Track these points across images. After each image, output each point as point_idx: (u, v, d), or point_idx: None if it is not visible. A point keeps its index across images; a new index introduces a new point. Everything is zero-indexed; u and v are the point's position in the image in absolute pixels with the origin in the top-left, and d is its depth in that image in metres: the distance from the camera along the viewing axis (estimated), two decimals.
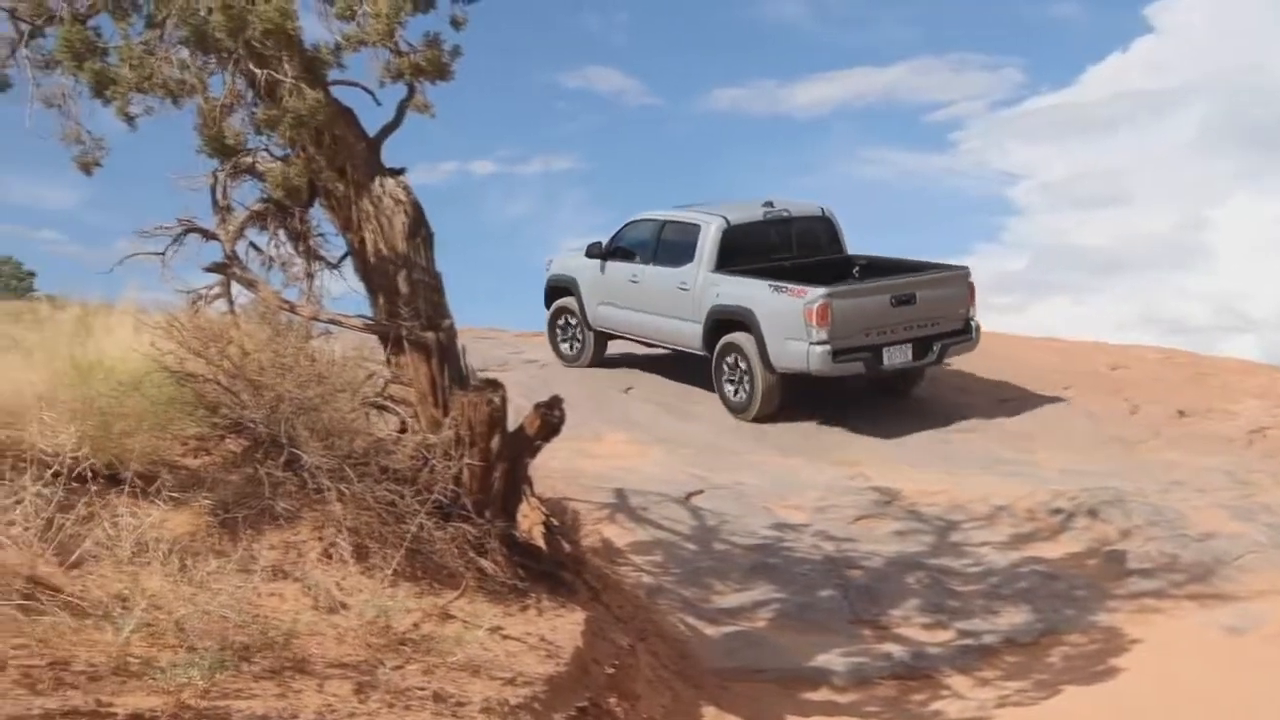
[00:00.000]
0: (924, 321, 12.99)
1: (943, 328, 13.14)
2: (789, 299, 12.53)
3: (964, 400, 14.40)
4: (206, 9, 4.96)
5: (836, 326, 12.35)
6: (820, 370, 12.47)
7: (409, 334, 6.21)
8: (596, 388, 15.15)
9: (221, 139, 5.41)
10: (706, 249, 13.53)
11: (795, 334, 12.45)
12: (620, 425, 13.35)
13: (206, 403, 5.89)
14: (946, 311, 13.18)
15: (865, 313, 12.68)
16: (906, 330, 12.84)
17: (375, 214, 6.32)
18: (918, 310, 12.93)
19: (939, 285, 13.30)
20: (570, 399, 14.99)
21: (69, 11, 5.65)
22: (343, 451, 5.80)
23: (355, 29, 5.29)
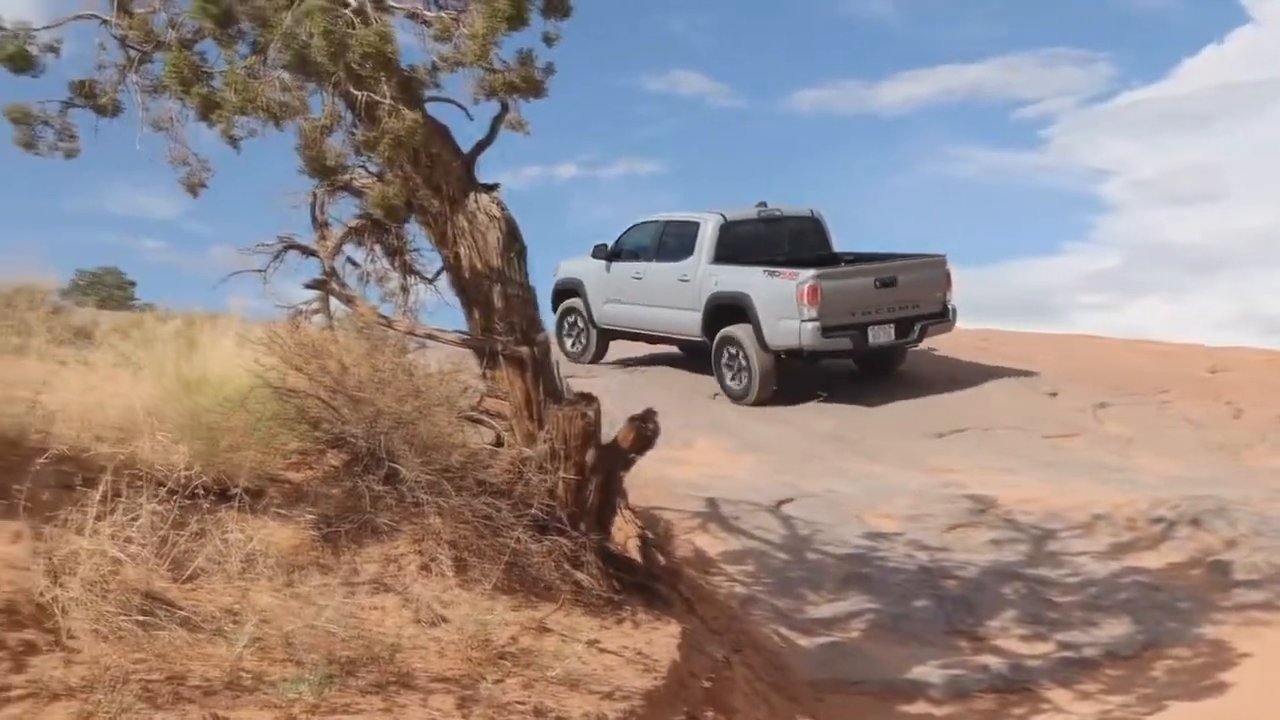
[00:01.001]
0: (905, 303, 14.30)
1: (923, 310, 14.45)
2: (782, 281, 13.86)
3: (1058, 405, 14.17)
4: (308, 34, 5.03)
5: (826, 305, 13.66)
6: (811, 345, 13.80)
7: (504, 348, 6.26)
8: (685, 393, 15.17)
9: (322, 160, 5.50)
10: (706, 243, 14.84)
11: (788, 314, 13.72)
12: (709, 431, 13.35)
13: (308, 418, 6.00)
14: (926, 295, 14.48)
15: (851, 294, 14.01)
16: (889, 311, 14.12)
17: (470, 230, 6.38)
18: (899, 293, 14.24)
19: (918, 270, 14.57)
20: (659, 405, 15.03)
21: (176, 38, 5.79)
22: (440, 465, 5.87)
23: (452, 50, 5.34)
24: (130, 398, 6.77)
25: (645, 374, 16.40)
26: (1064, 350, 17.54)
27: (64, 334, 10.76)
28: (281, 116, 5.55)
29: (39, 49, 5.91)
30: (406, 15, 5.62)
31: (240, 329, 7.19)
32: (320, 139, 5.68)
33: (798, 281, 13.70)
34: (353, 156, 5.76)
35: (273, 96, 5.46)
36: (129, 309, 27.52)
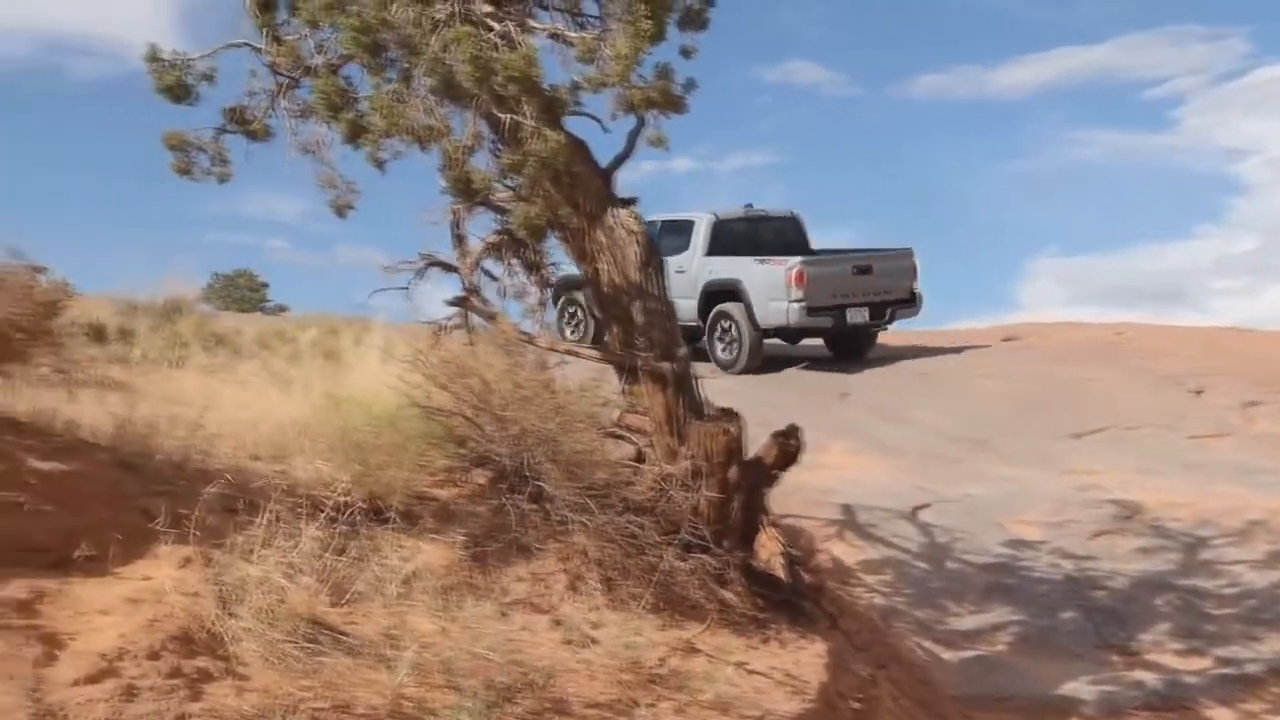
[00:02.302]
0: (879, 290, 16.40)
1: (894, 296, 16.57)
2: (772, 268, 15.91)
3: (1203, 403, 13.65)
4: (455, 59, 5.07)
5: (810, 288, 15.67)
6: (797, 323, 15.87)
7: (644, 364, 6.24)
8: (812, 395, 15.05)
9: (468, 182, 5.54)
10: (700, 238, 16.74)
11: (777, 296, 15.72)
12: (839, 434, 13.18)
13: (455, 436, 6.07)
14: (896, 283, 16.62)
15: (832, 279, 16.08)
16: (865, 296, 16.22)
17: (609, 245, 6.37)
18: (873, 280, 16.37)
19: (889, 260, 16.73)
20: (787, 407, 14.93)
21: (324, 64, 5.90)
22: (585, 483, 5.88)
23: (596, 71, 5.33)
24: (281, 414, 6.96)
25: (766, 376, 16.30)
26: (1206, 343, 16.90)
27: (211, 343, 11.12)
28: (427, 140, 5.62)
29: (195, 78, 6.08)
30: (549, 36, 5.64)
31: (382, 337, 7.29)
32: (463, 160, 5.73)
33: (787, 267, 15.71)
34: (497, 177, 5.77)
35: (418, 120, 5.52)
36: (263, 311, 28.41)
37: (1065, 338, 19.11)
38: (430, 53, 5.13)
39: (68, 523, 4.38)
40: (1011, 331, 20.11)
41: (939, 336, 22.19)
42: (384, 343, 9.58)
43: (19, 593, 3.97)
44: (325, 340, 10.93)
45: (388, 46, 5.12)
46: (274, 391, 7.95)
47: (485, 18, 5.47)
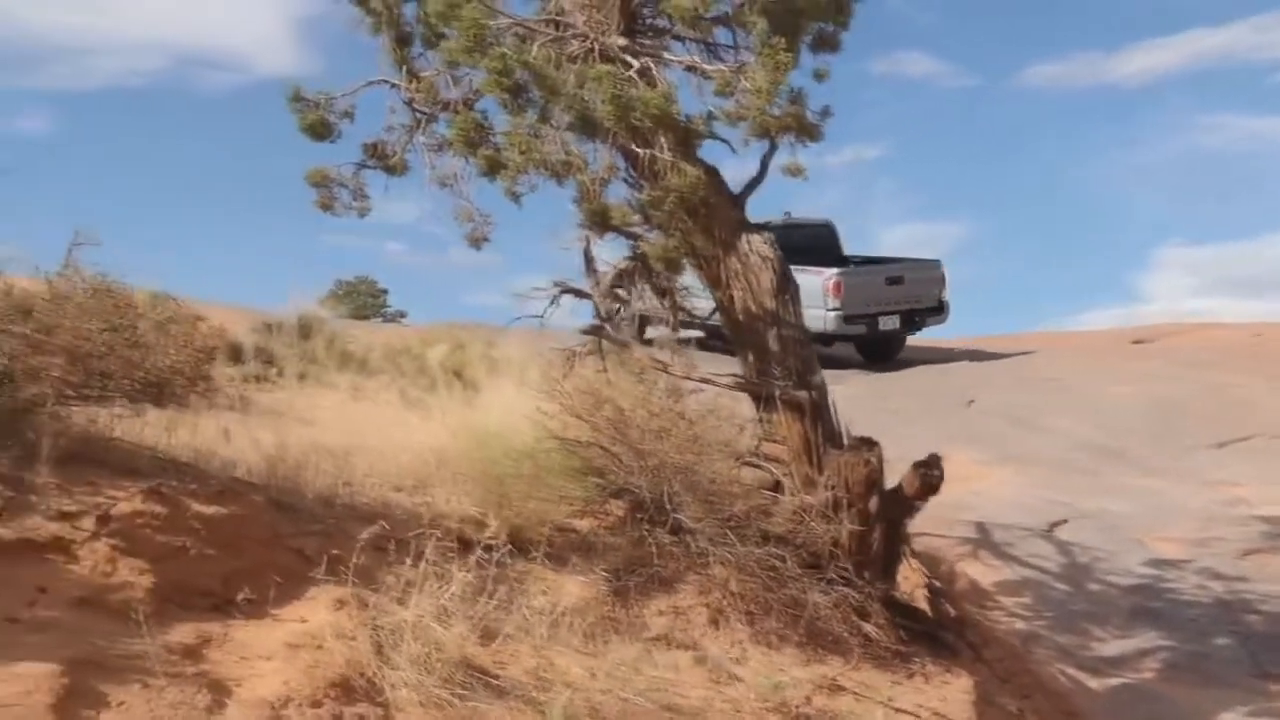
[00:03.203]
0: (909, 299, 17.12)
1: (923, 305, 17.29)
2: (811, 277, 15.61)
3: None
4: (594, 98, 5.08)
5: (846, 297, 16.46)
6: (834, 331, 16.48)
7: (781, 393, 6.18)
8: (935, 401, 14.78)
9: (605, 214, 5.55)
10: None
11: (815, 304, 15.77)
12: (967, 442, 12.90)
13: (593, 468, 6.09)
14: (926, 292, 17.31)
15: (866, 288, 16.81)
16: (896, 305, 16.99)
17: (743, 271, 6.34)
18: (904, 290, 17.10)
19: (920, 271, 17.41)
20: (908, 414, 14.72)
21: (461, 100, 5.97)
22: (723, 514, 5.85)
23: (734, 105, 5.28)
24: (419, 441, 7.08)
25: (887, 381, 16.08)
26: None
27: (342, 361, 11.36)
28: (563, 174, 5.64)
29: (336, 116, 6.20)
30: (685, 68, 5.61)
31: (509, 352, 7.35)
32: (598, 192, 5.74)
33: (824, 278, 16.33)
34: (634, 210, 5.77)
35: (555, 155, 5.54)
36: (383, 317, 29.00)
37: (1199, 339, 18.46)
38: (569, 91, 5.13)
39: (228, 566, 4.49)
40: (1142, 334, 19.50)
41: (1064, 340, 21.67)
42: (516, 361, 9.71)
43: (187, 638, 4.07)
44: (454, 356, 11.11)
45: (527, 87, 5.14)
46: (410, 417, 8.09)
47: (621, 52, 5.47)
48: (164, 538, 4.38)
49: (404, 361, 11.30)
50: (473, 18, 4.98)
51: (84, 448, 4.57)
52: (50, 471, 4.37)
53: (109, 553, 4.23)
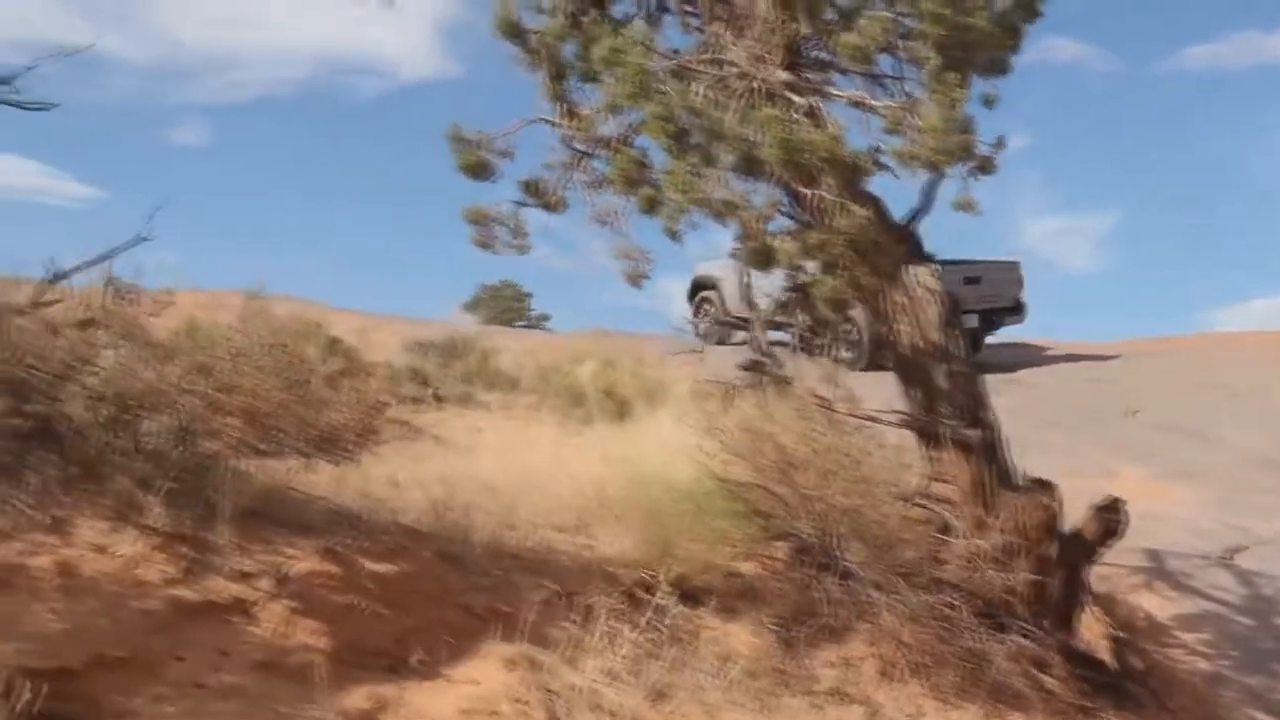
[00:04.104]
0: (987, 299, 16.85)
1: (1001, 304, 17.09)
2: None
3: None
4: (760, 139, 4.95)
5: None
6: None
7: (951, 431, 5.96)
8: (1094, 411, 14.22)
9: (769, 254, 5.41)
10: None
11: None
12: (1130, 457, 12.37)
13: (758, 510, 5.96)
14: (1004, 292, 17.13)
15: (946, 288, 15.98)
16: (975, 304, 16.50)
17: (908, 305, 6.13)
18: (982, 289, 16.78)
19: (998, 271, 17.15)
20: (1067, 425, 14.18)
21: (619, 137, 5.90)
22: (891, 559, 5.67)
23: (905, 144, 5.09)
24: (577, 473, 7.06)
25: (1041, 390, 15.52)
26: None
27: (494, 381, 11.46)
28: (725, 214, 5.53)
29: (494, 155, 6.19)
30: (850, 104, 5.43)
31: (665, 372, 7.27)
32: (761, 230, 5.61)
33: None
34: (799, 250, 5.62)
35: (717, 194, 5.43)
36: (527, 322, 29.33)
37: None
38: (732, 133, 5.01)
39: (400, 624, 4.51)
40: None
41: (1229, 341, 20.65)
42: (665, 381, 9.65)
43: (362, 702, 4.09)
44: (604, 374, 11.09)
45: (690, 130, 5.03)
46: (566, 443, 8.10)
47: (784, 89, 5.32)
48: (339, 597, 4.42)
49: (554, 379, 11.33)
50: (636, 63, 4.90)
51: (260, 504, 4.63)
52: (230, 530, 4.44)
53: (287, 614, 4.27)
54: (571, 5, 6.05)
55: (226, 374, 4.62)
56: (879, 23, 5.02)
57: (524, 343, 17.70)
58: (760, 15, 5.53)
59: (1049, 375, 16.88)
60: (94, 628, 3.97)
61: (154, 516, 4.34)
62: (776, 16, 5.34)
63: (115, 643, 3.95)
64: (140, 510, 4.37)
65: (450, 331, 12.45)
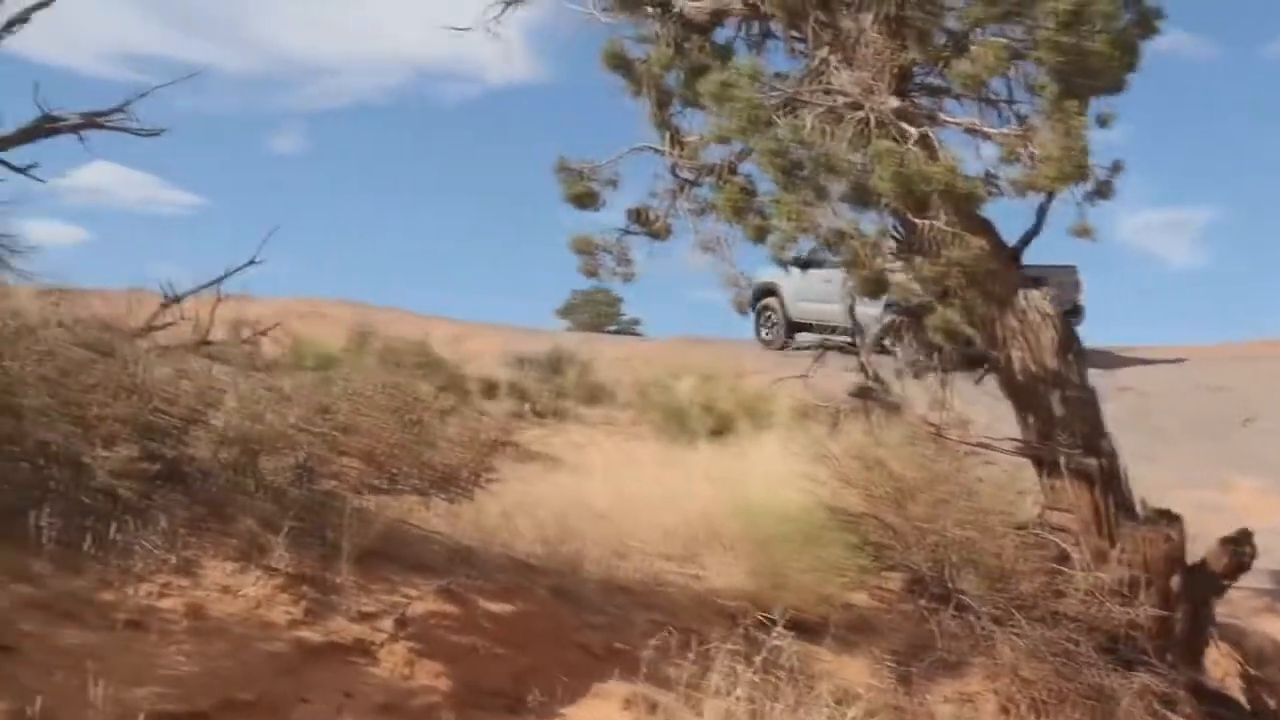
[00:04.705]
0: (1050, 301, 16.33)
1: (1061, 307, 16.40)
2: None
3: None
4: (873, 171, 4.88)
5: None
6: None
7: (1068, 460, 5.82)
8: (1206, 419, 13.84)
9: (881, 283, 5.34)
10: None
11: None
12: (1247, 468, 12.01)
13: (870, 542, 5.88)
14: (1064, 295, 15.86)
15: None
16: None
17: (1021, 330, 5.99)
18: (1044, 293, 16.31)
19: (1057, 275, 16.30)
20: (1175, 434, 13.79)
21: (726, 165, 5.86)
22: (1008, 592, 5.55)
23: (1022, 173, 4.98)
24: (681, 496, 7.04)
25: (1149, 397, 15.11)
26: None
27: (592, 395, 11.51)
28: (835, 243, 5.47)
29: (600, 184, 6.20)
30: (964, 130, 5.33)
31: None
32: (872, 260, 5.54)
33: None
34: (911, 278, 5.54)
35: (829, 224, 5.37)
36: (618, 327, 29.41)
37: None
38: (844, 165, 4.95)
39: (517, 664, 4.53)
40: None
41: None
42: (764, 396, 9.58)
43: None
44: (703, 389, 11.05)
45: (802, 164, 4.98)
46: (668, 462, 8.08)
47: (895, 117, 5.23)
48: (458, 638, 4.45)
49: (653, 394, 11.33)
50: (747, 98, 4.86)
51: (379, 543, 4.69)
52: (351, 570, 4.50)
53: (407, 655, 4.32)
54: (675, 33, 6.03)
55: (345, 414, 4.69)
56: (993, 49, 4.91)
57: (618, 350, 17.77)
58: (868, 39, 5.45)
59: (1157, 381, 16.45)
60: (223, 670, 4.05)
61: (277, 557, 4.42)
62: (886, 45, 5.25)
63: (243, 685, 4.03)
64: (264, 551, 4.45)
65: (549, 344, 12.51)
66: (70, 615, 4.00)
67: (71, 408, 4.34)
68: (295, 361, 9.09)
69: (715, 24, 6.14)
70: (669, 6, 5.96)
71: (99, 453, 4.25)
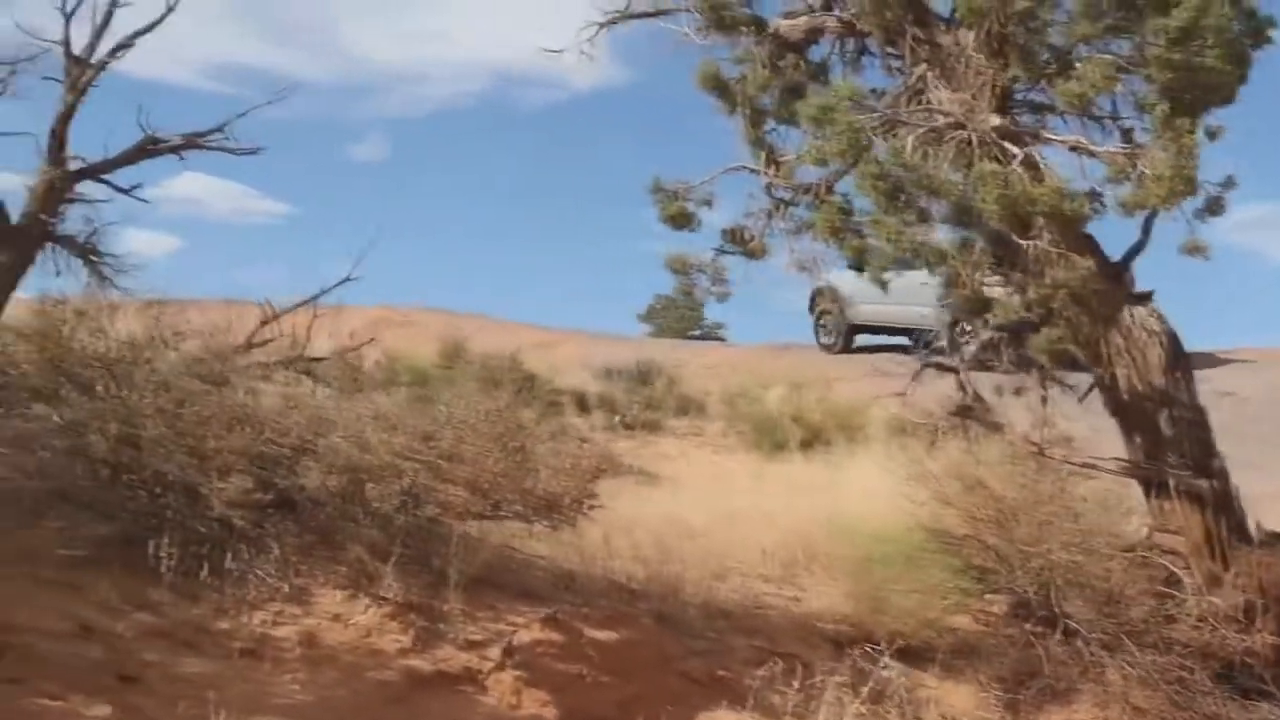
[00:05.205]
0: None
1: None
2: None
3: None
4: (976, 194, 4.81)
5: None
6: None
7: (1178, 481, 5.67)
8: None
9: (984, 304, 5.26)
10: None
11: None
12: None
13: (973, 565, 5.79)
14: None
15: None
16: None
17: (1127, 347, 5.85)
18: None
19: None
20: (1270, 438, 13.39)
21: (823, 185, 5.82)
22: (1117, 617, 5.43)
23: (1131, 193, 4.86)
24: (776, 510, 7.01)
25: (1255, 403, 14.67)
26: None
27: (681, 406, 11.50)
28: (936, 263, 5.40)
29: (695, 204, 6.18)
30: (1069, 148, 5.22)
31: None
32: (973, 280, 5.46)
33: None
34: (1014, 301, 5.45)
35: (929, 245, 5.31)
36: (700, 332, 29.34)
37: None
38: (947, 188, 4.89)
39: (622, 692, 4.55)
40: None
41: None
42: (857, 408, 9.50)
43: None
44: (792, 399, 11.00)
45: (904, 187, 4.92)
46: (761, 474, 8.06)
47: (996, 136, 5.14)
48: (563, 666, 4.49)
49: (741, 405, 11.30)
50: (847, 122, 4.82)
51: (485, 570, 4.74)
52: (457, 597, 4.55)
53: (514, 684, 4.36)
54: (770, 52, 5.99)
55: (449, 441, 4.74)
56: (1100, 67, 4.80)
57: (703, 358, 17.74)
58: (968, 56, 5.37)
59: (1259, 384, 15.97)
60: (335, 699, 4.13)
61: (386, 585, 4.49)
62: (988, 64, 5.17)
63: (355, 714, 4.10)
64: (373, 579, 4.53)
65: (635, 352, 12.54)
66: (189, 644, 4.11)
67: (187, 439, 4.44)
68: (390, 377, 9.21)
69: (810, 42, 6.10)
70: (764, 26, 5.93)
71: (215, 484, 4.35)
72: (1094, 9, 4.91)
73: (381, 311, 18.97)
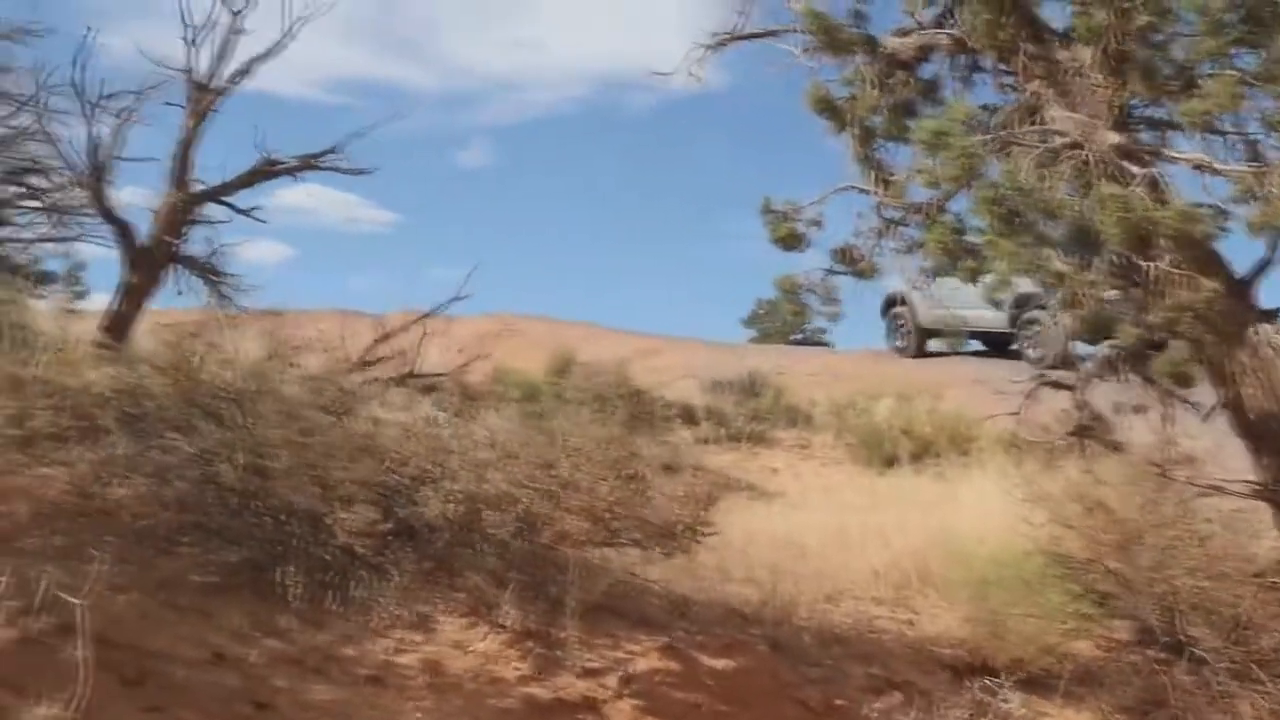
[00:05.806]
0: None
1: None
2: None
3: None
4: (1095, 216, 4.72)
5: None
6: None
7: None
8: None
9: (1106, 325, 5.16)
10: None
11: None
12: None
13: (1093, 590, 5.68)
14: None
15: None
16: None
17: (1253, 366, 5.68)
18: None
19: None
20: None
21: (935, 205, 5.76)
22: (1248, 645, 5.28)
23: (1259, 213, 4.72)
24: (887, 528, 6.94)
25: None
26: None
27: (788, 417, 11.46)
28: (1055, 284, 5.32)
29: (805, 225, 6.17)
30: (1192, 166, 5.09)
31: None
32: (1092, 301, 5.36)
33: None
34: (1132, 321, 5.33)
35: (1047, 267, 5.23)
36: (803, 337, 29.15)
37: None
38: (1065, 210, 4.80)
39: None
40: None
41: None
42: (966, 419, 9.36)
43: None
44: (901, 411, 10.89)
45: (1020, 210, 4.85)
46: (872, 500, 7.98)
47: (1116, 155, 5.03)
48: (680, 694, 4.50)
49: (848, 417, 11.22)
50: (963, 146, 4.76)
51: (600, 598, 4.78)
52: (575, 625, 4.60)
53: (633, 712, 4.39)
54: (880, 70, 5.95)
55: (565, 469, 4.80)
56: (1225, 85, 4.67)
57: (809, 365, 17.64)
58: (1086, 76, 5.26)
59: None
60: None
61: (504, 613, 4.56)
62: (1107, 81, 5.06)
63: None
64: (491, 606, 4.59)
65: (739, 359, 12.53)
66: (318, 671, 4.21)
67: (316, 470, 4.57)
68: (500, 392, 9.35)
69: (921, 59, 6.04)
70: (875, 46, 5.89)
71: (339, 514, 4.46)
72: (1219, 24, 4.78)
73: (488, 322, 19.26)
